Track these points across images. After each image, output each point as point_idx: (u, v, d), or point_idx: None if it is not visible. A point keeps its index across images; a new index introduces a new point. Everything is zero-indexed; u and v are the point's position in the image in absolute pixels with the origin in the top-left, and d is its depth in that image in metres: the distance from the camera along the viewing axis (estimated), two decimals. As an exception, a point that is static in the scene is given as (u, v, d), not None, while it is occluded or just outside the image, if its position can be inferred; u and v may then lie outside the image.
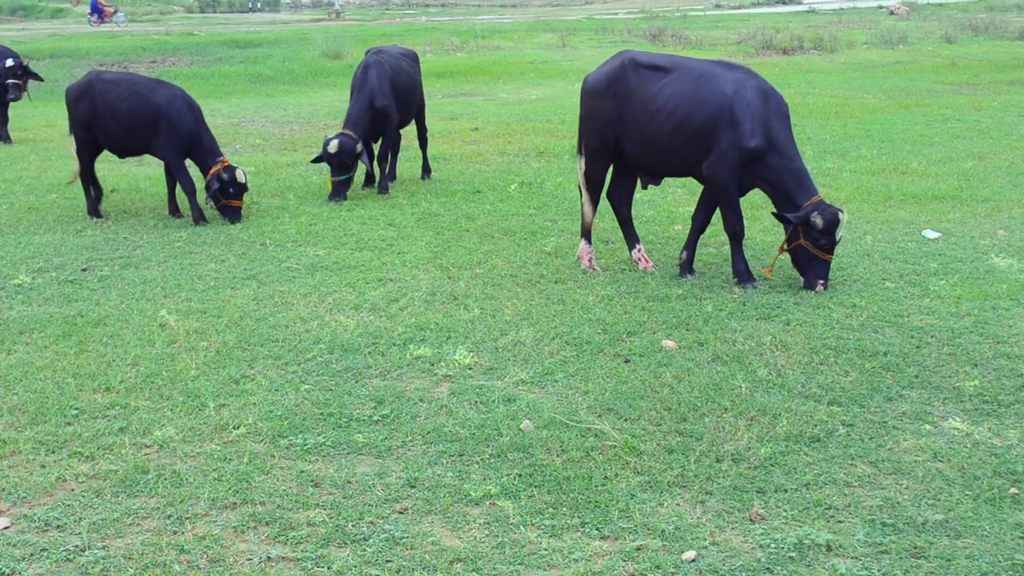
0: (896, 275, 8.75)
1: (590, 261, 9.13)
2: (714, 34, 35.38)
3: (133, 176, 13.80)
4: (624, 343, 7.30)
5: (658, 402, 6.29)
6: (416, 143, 13.85)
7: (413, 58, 13.41)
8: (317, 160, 12.10)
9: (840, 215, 8.19)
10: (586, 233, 9.22)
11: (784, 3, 57.19)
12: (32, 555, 4.81)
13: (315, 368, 6.96)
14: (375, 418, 6.17)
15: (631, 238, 9.28)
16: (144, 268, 9.45)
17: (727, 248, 9.67)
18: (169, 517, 5.11)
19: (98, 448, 5.84)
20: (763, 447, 5.69)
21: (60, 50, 31.19)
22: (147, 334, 7.64)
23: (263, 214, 11.40)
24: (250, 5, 66.58)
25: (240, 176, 10.99)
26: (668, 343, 7.25)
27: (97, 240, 10.50)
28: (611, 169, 9.19)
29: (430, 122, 17.94)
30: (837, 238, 8.25)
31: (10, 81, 16.74)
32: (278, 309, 8.16)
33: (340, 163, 11.87)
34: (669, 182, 12.63)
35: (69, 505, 5.24)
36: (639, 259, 9.17)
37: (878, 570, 4.59)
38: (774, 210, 8.54)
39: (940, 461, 5.56)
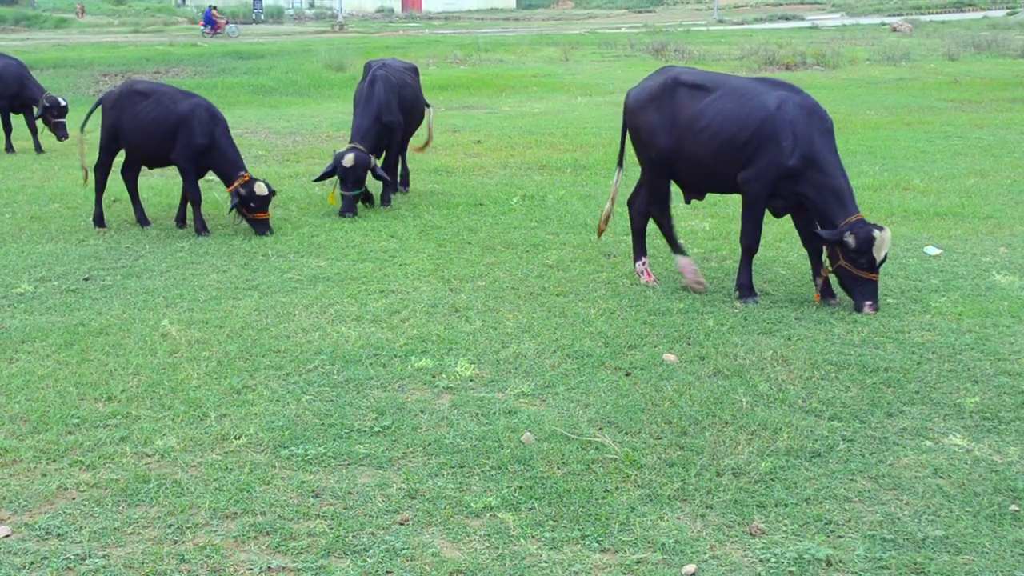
0: (897, 291, 8.76)
1: (694, 275, 8.86)
2: (717, 49, 35.44)
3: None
4: (625, 356, 7.31)
5: (659, 416, 6.30)
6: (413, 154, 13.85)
7: (415, 71, 13.44)
8: (324, 176, 11.90)
9: (875, 233, 7.99)
10: (675, 247, 9.05)
11: (787, 19, 57.32)
12: (33, 563, 4.81)
13: (316, 379, 6.96)
14: (376, 429, 6.18)
15: (639, 250, 9.23)
16: (146, 278, 9.47)
17: (728, 263, 9.70)
18: (170, 526, 5.12)
19: (99, 457, 5.84)
20: (764, 461, 5.69)
21: (64, 60, 31.29)
22: (149, 344, 7.65)
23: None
24: (253, 16, 66.72)
25: (260, 189, 10.86)
26: (669, 357, 7.26)
27: (99, 249, 10.52)
28: (633, 176, 9.15)
29: (433, 134, 17.97)
30: (879, 257, 8.05)
31: (61, 120, 16.67)
32: (280, 320, 8.17)
33: (355, 178, 11.71)
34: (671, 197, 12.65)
35: (70, 514, 5.24)
36: (641, 271, 9.15)
37: (878, 585, 4.59)
38: (814, 230, 8.39)
39: (940, 477, 5.56)
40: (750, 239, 8.55)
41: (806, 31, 45.88)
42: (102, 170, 11.71)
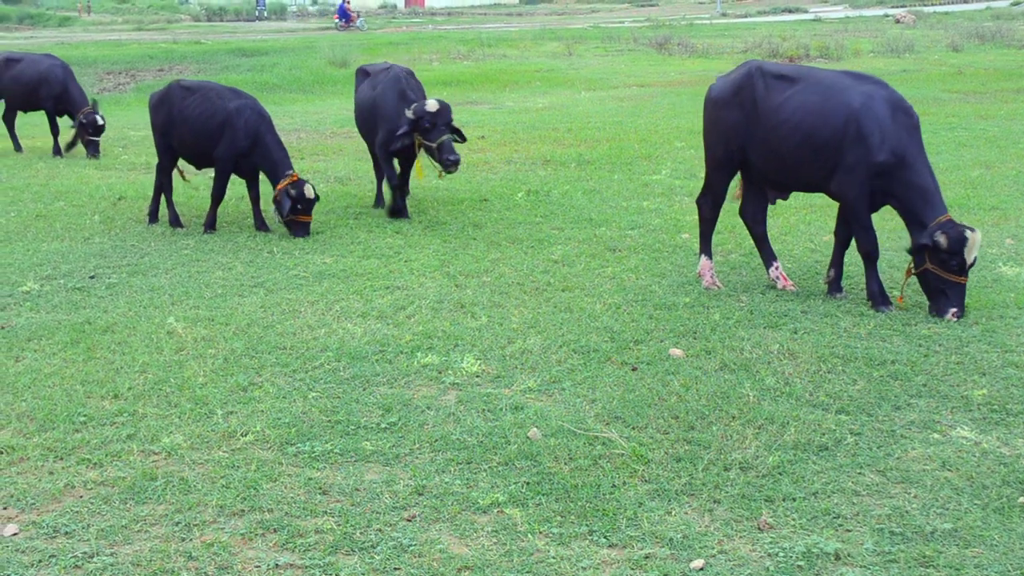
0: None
1: (712, 278, 8.76)
2: (720, 42, 35.39)
3: (140, 184, 13.82)
4: (631, 351, 7.30)
5: (666, 410, 6.29)
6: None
7: (412, 76, 12.57)
8: (399, 140, 10.89)
9: (968, 233, 7.72)
10: (706, 248, 8.89)
11: (790, 12, 57.20)
12: (40, 561, 4.82)
13: (323, 376, 6.96)
14: (383, 426, 6.17)
15: (767, 256, 8.84)
16: (152, 275, 9.47)
17: (733, 257, 9.68)
18: (177, 524, 5.12)
19: (106, 455, 5.84)
20: (771, 456, 5.68)
21: (67, 58, 30.94)
22: (155, 341, 7.65)
23: (269, 222, 11.37)
24: (256, 14, 66.72)
25: (309, 191, 10.62)
26: (675, 351, 7.25)
27: (105, 248, 10.52)
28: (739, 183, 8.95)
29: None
30: (969, 259, 7.75)
31: (95, 139, 16.34)
32: (285, 317, 8.17)
33: (445, 121, 10.85)
34: (676, 190, 12.64)
35: (77, 512, 5.25)
36: (777, 277, 8.73)
37: (887, 579, 4.58)
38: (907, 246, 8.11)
39: (949, 470, 5.55)
40: (867, 245, 8.20)
41: (809, 23, 45.77)
42: (164, 173, 11.58)
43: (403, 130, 10.91)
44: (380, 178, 12.24)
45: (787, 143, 8.21)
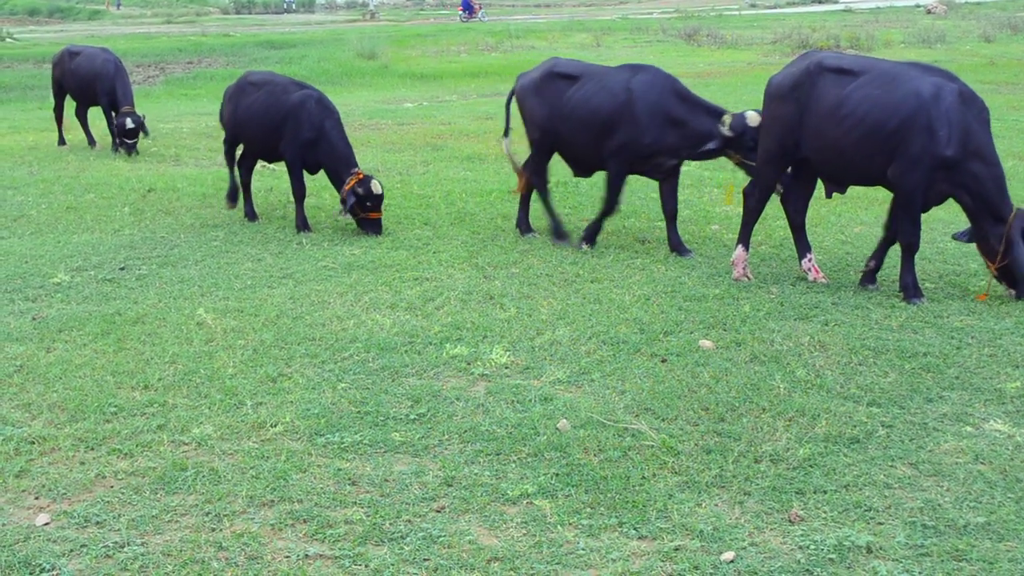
0: (935, 275, 8.68)
1: (744, 269, 8.71)
2: (749, 33, 35.23)
3: (170, 176, 13.89)
4: (661, 343, 7.27)
5: (696, 402, 6.26)
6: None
7: None
8: (707, 156, 9.54)
9: None
10: (744, 239, 8.77)
11: (820, 2, 56.87)
12: (72, 551, 4.84)
13: (352, 367, 6.97)
14: (412, 417, 6.17)
15: (802, 247, 8.78)
16: (181, 267, 9.50)
17: (763, 248, 9.63)
18: (207, 514, 5.13)
19: (137, 445, 5.87)
20: (802, 448, 5.64)
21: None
22: (185, 332, 7.67)
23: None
24: (285, 6, 66.89)
25: (375, 188, 10.33)
26: (705, 343, 7.22)
27: (135, 239, 10.57)
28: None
29: (465, 121, 17.94)
30: None
31: (126, 141, 16.19)
32: (315, 308, 8.18)
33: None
34: (705, 181, 12.59)
35: (108, 502, 5.27)
36: (809, 269, 8.69)
37: (919, 572, 4.53)
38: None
39: (981, 463, 5.50)
40: (909, 236, 8.07)
41: (839, 14, 45.52)
42: (228, 157, 11.64)
43: (714, 145, 9.31)
44: (528, 197, 10.55)
45: (849, 137, 8.04)
